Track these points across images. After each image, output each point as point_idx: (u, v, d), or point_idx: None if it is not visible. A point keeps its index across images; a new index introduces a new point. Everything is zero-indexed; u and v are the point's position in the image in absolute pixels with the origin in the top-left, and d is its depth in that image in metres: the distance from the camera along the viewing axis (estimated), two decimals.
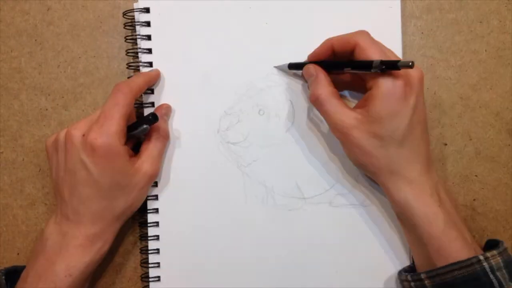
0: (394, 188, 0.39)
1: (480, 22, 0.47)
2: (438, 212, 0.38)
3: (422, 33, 0.47)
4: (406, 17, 0.47)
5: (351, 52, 0.40)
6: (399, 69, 0.37)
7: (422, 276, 0.39)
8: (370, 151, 0.39)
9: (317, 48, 0.43)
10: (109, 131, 0.39)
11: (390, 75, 0.38)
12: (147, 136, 0.44)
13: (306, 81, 0.45)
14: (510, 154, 0.47)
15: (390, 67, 0.37)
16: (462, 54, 0.47)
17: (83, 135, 0.40)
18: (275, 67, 0.45)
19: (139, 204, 0.43)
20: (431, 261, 0.39)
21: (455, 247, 0.38)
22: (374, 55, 0.38)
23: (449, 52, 0.47)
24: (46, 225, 0.42)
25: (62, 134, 0.41)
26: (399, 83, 0.38)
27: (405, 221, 0.41)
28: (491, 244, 0.41)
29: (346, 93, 0.46)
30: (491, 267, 0.37)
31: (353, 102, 0.45)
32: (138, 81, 0.42)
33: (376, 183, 0.43)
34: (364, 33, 0.40)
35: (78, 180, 0.40)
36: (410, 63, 0.35)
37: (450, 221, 0.38)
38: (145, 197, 0.44)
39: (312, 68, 0.42)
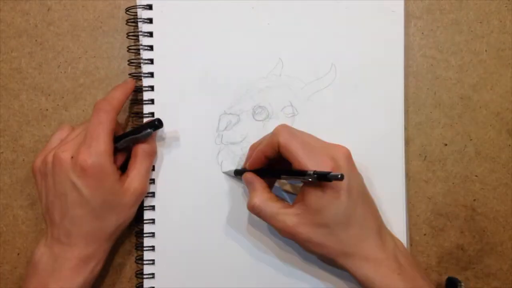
0: (354, 268, 0.40)
1: (480, 22, 0.47)
2: (398, 282, 0.39)
3: (423, 33, 0.47)
4: (407, 17, 0.47)
5: (279, 150, 0.40)
6: (331, 181, 0.37)
7: None
8: (321, 241, 0.39)
9: (251, 159, 0.43)
10: (98, 151, 0.40)
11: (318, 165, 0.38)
12: (133, 153, 0.43)
13: (306, 83, 0.45)
14: (510, 154, 0.47)
15: (322, 178, 0.37)
16: (462, 54, 0.47)
17: (72, 157, 0.40)
18: (224, 172, 0.45)
19: (128, 222, 0.43)
20: None
21: None
22: (296, 149, 0.39)
23: (449, 52, 0.47)
24: (36, 248, 0.42)
25: (49, 157, 0.41)
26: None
27: None
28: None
29: None
30: None
31: None
32: (117, 96, 0.42)
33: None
34: (282, 130, 0.40)
35: (70, 202, 0.40)
36: (339, 176, 0.36)
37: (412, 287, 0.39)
38: (134, 214, 0.44)
39: (249, 177, 0.42)
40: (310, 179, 0.37)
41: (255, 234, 0.46)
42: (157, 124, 0.42)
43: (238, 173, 0.45)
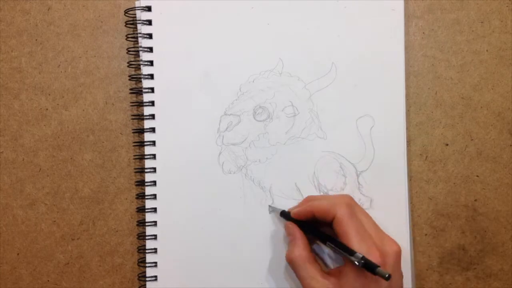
0: None
1: (481, 22, 0.47)
2: None
3: (424, 33, 0.47)
4: (408, 17, 0.47)
5: (331, 220, 0.40)
6: (375, 275, 0.36)
7: None
8: None
9: (299, 208, 0.42)
10: None
11: (366, 253, 0.37)
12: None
13: (306, 82, 0.45)
14: (511, 154, 0.47)
15: (368, 267, 0.36)
16: (463, 54, 0.47)
17: None
18: (270, 206, 0.45)
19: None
20: None
21: None
22: (350, 231, 0.38)
23: (450, 52, 0.47)
24: None
25: None
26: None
27: None
28: None
29: None
30: None
31: None
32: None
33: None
34: (344, 205, 0.40)
35: None
36: (387, 275, 0.35)
37: None
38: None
39: (291, 228, 0.42)
40: (356, 262, 0.37)
41: (257, 236, 0.45)
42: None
43: (284, 215, 0.44)
